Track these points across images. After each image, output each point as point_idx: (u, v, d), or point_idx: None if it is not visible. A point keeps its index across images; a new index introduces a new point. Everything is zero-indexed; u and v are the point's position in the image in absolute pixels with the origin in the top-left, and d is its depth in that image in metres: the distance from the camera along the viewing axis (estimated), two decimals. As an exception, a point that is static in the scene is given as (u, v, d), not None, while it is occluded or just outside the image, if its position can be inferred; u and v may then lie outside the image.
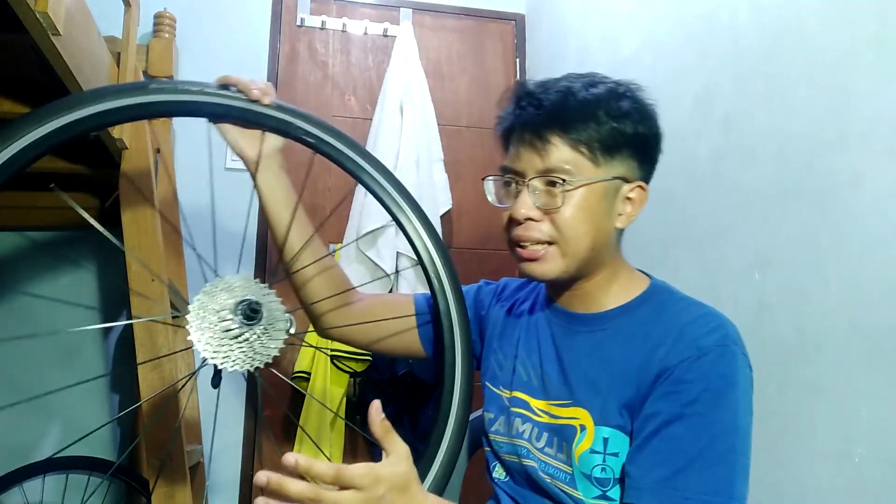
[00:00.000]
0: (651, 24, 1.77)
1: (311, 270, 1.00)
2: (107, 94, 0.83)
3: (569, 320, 0.93)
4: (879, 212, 1.04)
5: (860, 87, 1.09)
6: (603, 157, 0.84)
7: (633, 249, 0.97)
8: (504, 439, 0.96)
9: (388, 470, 0.70)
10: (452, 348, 0.95)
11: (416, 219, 0.97)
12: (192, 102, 0.88)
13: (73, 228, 2.08)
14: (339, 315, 1.05)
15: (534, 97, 0.86)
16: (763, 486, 1.21)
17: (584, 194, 0.84)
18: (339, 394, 2.09)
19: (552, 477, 0.88)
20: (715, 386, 0.76)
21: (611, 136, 0.84)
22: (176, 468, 1.40)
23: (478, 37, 2.60)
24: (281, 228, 0.98)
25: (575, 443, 0.84)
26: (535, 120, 0.85)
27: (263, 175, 0.96)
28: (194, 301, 0.79)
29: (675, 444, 0.76)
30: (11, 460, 1.85)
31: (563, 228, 0.84)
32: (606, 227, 0.86)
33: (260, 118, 0.91)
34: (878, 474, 1.01)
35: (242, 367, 0.80)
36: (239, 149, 0.95)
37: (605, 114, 0.83)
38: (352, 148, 0.96)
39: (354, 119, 2.41)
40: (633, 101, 0.87)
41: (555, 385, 0.90)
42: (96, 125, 0.82)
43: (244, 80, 0.90)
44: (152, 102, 0.85)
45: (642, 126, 0.86)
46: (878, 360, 1.02)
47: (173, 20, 2.10)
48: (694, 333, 0.80)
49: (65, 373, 2.06)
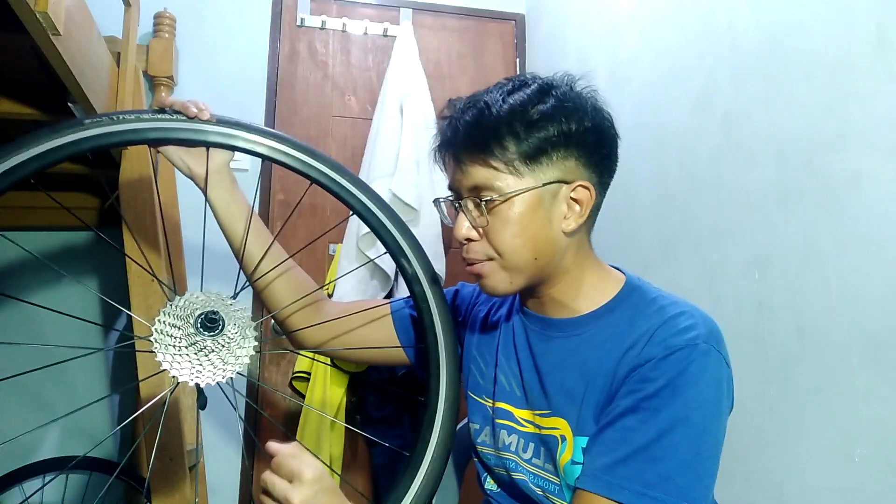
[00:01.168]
0: (651, 24, 1.77)
1: (271, 276, 1.00)
2: (43, 136, 0.83)
3: (543, 325, 0.91)
4: (879, 212, 1.04)
5: (860, 87, 1.09)
6: (526, 167, 0.81)
7: (633, 249, 0.97)
8: (491, 451, 0.94)
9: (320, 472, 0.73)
10: (433, 330, 0.95)
11: (377, 209, 0.97)
12: (130, 131, 0.87)
13: (73, 229, 2.08)
14: (306, 315, 1.04)
15: (452, 119, 0.86)
16: (763, 486, 1.21)
17: (512, 207, 0.81)
18: (339, 394, 2.08)
19: (543, 489, 0.86)
20: (675, 383, 0.75)
21: (531, 145, 0.81)
22: (176, 469, 1.40)
23: (478, 37, 2.60)
24: (237, 241, 0.98)
25: (558, 454, 0.83)
26: (451, 143, 0.85)
27: (215, 192, 0.96)
28: (156, 322, 0.81)
29: (623, 435, 0.75)
30: (11, 460, 1.85)
31: (497, 245, 0.83)
32: (547, 234, 0.83)
33: (200, 135, 0.91)
34: (878, 474, 1.01)
35: (214, 379, 0.81)
36: (186, 168, 0.95)
37: (520, 124, 0.80)
38: (300, 150, 0.96)
39: (354, 119, 2.41)
40: (558, 98, 0.82)
41: (535, 394, 0.89)
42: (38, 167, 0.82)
43: (180, 101, 0.91)
44: (90, 136, 0.85)
45: (570, 123, 0.81)
46: (878, 360, 1.02)
47: (173, 20, 2.10)
48: (664, 333, 0.78)
49: (65, 373, 2.06)
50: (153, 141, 0.91)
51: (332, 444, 2.07)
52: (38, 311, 2.06)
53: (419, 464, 0.88)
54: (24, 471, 1.82)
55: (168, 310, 0.82)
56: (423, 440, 0.90)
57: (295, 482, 0.72)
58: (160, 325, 0.81)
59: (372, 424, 2.08)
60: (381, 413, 2.09)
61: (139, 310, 1.52)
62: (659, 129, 1.67)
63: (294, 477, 0.72)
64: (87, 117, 0.86)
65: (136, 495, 1.92)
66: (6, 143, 0.81)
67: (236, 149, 0.94)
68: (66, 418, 2.06)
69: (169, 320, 0.81)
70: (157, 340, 0.80)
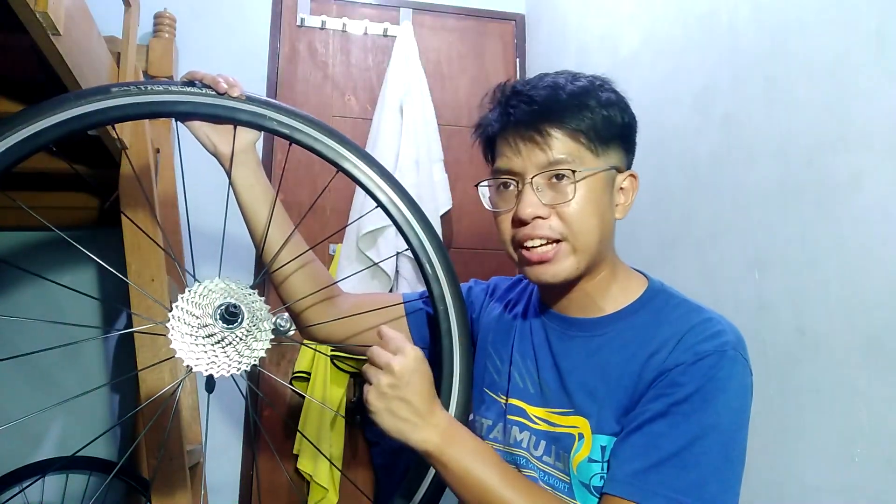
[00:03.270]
0: (651, 24, 1.77)
1: (291, 267, 0.98)
2: (68, 101, 0.79)
3: (565, 325, 0.91)
4: (879, 212, 1.04)
5: (860, 87, 1.09)
6: (600, 146, 0.84)
7: (633, 249, 0.97)
8: (501, 447, 0.94)
9: (422, 357, 0.78)
10: (449, 335, 0.91)
11: (403, 203, 0.93)
12: (158, 102, 0.84)
13: (73, 228, 2.08)
14: (322, 310, 1.02)
15: (523, 95, 0.85)
16: (763, 486, 1.21)
17: (590, 185, 0.83)
18: (339, 394, 2.08)
19: (553, 488, 0.86)
20: (705, 389, 0.76)
21: (603, 125, 0.83)
22: (176, 468, 1.40)
23: (478, 37, 2.60)
24: (260, 227, 0.95)
25: (573, 452, 0.84)
26: (530, 116, 0.83)
27: (239, 171, 0.93)
28: (174, 308, 0.78)
29: (654, 441, 0.76)
30: (12, 460, 1.85)
31: (574, 222, 0.82)
32: (610, 219, 0.86)
33: (230, 112, 0.88)
34: (878, 474, 1.01)
35: (228, 371, 0.79)
36: (211, 146, 0.92)
37: (595, 103, 0.83)
38: (329, 135, 0.92)
39: (354, 119, 2.41)
40: (612, 92, 0.87)
41: (553, 392, 0.89)
42: (60, 134, 0.78)
43: (211, 75, 0.88)
44: (117, 106, 0.81)
45: (626, 115, 0.86)
46: (878, 360, 1.02)
47: (173, 20, 2.10)
48: (693, 339, 0.79)
49: (65, 372, 2.06)
50: (181, 115, 0.87)
51: (333, 443, 2.07)
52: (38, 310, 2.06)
53: (427, 467, 0.86)
54: (24, 471, 1.82)
55: (186, 296, 0.78)
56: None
57: (399, 355, 0.77)
58: (178, 311, 0.78)
59: (372, 424, 2.08)
60: (381, 413, 2.09)
61: (139, 309, 1.52)
62: (659, 129, 1.67)
63: (399, 351, 0.77)
64: (113, 85, 0.83)
65: (136, 495, 1.92)
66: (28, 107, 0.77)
67: (264, 128, 0.90)
68: (67, 419, 2.06)
69: (187, 307, 0.78)
70: (173, 327, 0.77)
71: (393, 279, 2.07)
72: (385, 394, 0.76)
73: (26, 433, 2.03)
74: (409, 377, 0.76)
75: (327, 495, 2.03)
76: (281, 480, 2.17)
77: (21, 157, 0.76)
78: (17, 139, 0.75)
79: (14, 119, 0.76)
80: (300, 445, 2.08)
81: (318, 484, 2.02)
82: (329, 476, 2.04)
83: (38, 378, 2.05)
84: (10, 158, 0.75)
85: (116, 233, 1.56)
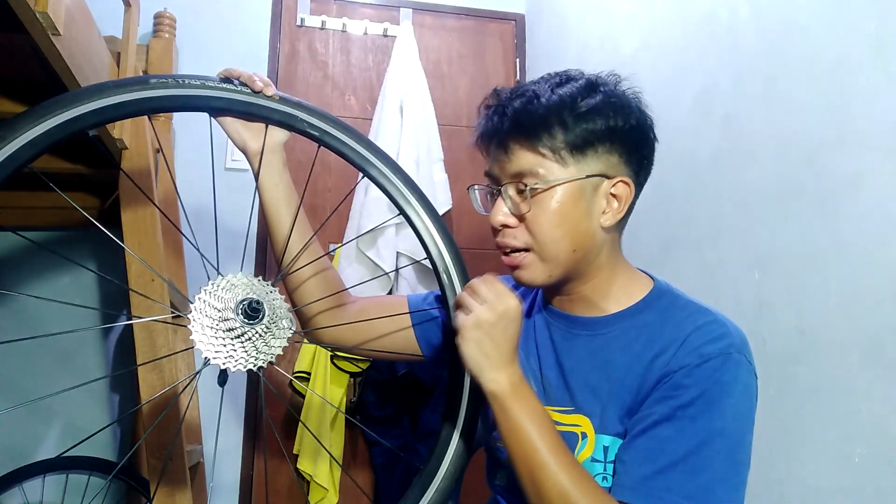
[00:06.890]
0: (651, 24, 1.77)
1: (308, 272, 0.98)
2: (107, 89, 0.80)
3: (569, 324, 0.91)
4: (879, 212, 1.04)
5: (860, 87, 1.09)
6: (572, 157, 0.82)
7: (633, 249, 0.97)
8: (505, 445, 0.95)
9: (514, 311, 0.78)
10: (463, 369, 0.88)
11: (425, 212, 0.94)
12: (195, 97, 0.85)
13: (73, 228, 2.08)
14: (332, 317, 1.02)
15: (499, 106, 0.86)
16: (763, 486, 1.21)
17: (555, 196, 0.82)
18: (340, 394, 2.09)
19: None
20: (711, 392, 0.76)
21: (578, 136, 0.82)
22: (176, 469, 1.40)
23: (478, 37, 2.60)
24: (280, 228, 0.95)
25: (576, 451, 0.84)
26: (498, 129, 0.85)
27: (266, 171, 0.94)
28: (196, 300, 0.78)
29: (661, 445, 0.76)
30: (12, 460, 1.85)
31: (536, 233, 0.84)
32: (586, 227, 0.84)
33: (263, 111, 0.89)
34: (878, 474, 1.01)
35: (245, 366, 0.79)
36: (242, 142, 0.92)
37: (570, 114, 0.82)
38: (357, 140, 0.93)
39: (354, 119, 2.41)
40: (606, 94, 0.85)
41: (555, 390, 0.89)
42: (97, 121, 0.79)
43: (247, 73, 0.89)
44: (154, 97, 0.82)
45: (617, 119, 0.84)
46: (878, 360, 1.02)
47: (173, 20, 2.10)
48: (697, 341, 0.79)
49: (65, 373, 2.06)
50: (216, 110, 0.88)
51: (332, 443, 2.07)
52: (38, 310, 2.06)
53: (434, 475, 0.85)
54: (24, 471, 1.82)
55: (210, 289, 0.78)
56: (438, 456, 0.86)
57: (487, 305, 0.77)
58: (200, 303, 0.77)
59: (372, 424, 2.09)
60: (381, 413, 2.09)
61: (139, 310, 1.52)
62: (659, 129, 1.66)
63: (488, 302, 0.77)
64: (152, 76, 0.83)
65: (136, 495, 1.92)
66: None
67: (295, 129, 0.91)
68: (66, 420, 2.06)
69: (210, 300, 0.77)
70: (194, 319, 0.76)
71: (393, 279, 2.07)
72: (481, 325, 0.76)
73: (26, 433, 2.03)
74: (507, 323, 0.77)
75: (327, 495, 2.03)
76: (281, 480, 2.17)
77: (60, 139, 0.77)
78: (57, 122, 0.76)
79: (53, 104, 0.77)
80: (300, 446, 2.08)
81: (318, 484, 2.02)
82: (329, 476, 2.04)
83: (35, 377, 2.05)
84: (49, 140, 0.76)
85: (117, 233, 1.56)
